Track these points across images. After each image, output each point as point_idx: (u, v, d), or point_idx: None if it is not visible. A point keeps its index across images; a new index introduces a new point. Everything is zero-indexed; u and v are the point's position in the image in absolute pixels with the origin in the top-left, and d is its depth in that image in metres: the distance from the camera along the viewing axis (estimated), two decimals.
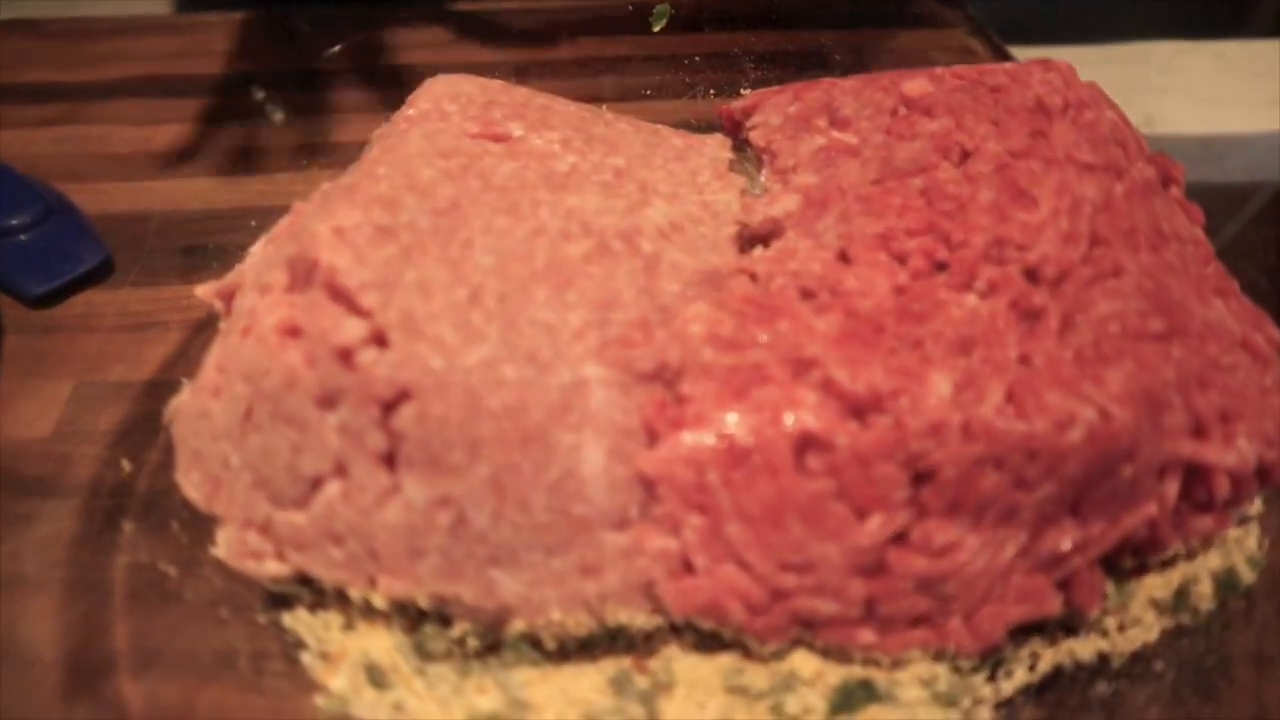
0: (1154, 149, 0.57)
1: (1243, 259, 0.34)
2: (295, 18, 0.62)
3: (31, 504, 0.33)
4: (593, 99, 0.55)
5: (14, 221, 0.47)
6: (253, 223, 0.43)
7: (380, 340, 0.26)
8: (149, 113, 0.56)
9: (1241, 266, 0.34)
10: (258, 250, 0.32)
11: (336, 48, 0.56)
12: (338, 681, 0.27)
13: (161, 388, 0.38)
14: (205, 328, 0.41)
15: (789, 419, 0.26)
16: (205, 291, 0.34)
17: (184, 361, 0.40)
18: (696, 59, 0.56)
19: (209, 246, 0.46)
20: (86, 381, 0.40)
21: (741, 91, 0.42)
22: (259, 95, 0.57)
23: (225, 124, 0.55)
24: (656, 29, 0.50)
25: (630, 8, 0.55)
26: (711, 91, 0.53)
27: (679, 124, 0.44)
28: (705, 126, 0.41)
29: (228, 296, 0.32)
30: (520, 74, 0.57)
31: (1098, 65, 0.64)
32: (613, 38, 0.59)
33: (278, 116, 0.55)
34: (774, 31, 0.59)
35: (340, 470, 0.26)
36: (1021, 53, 0.59)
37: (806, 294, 0.30)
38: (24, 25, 0.63)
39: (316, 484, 0.27)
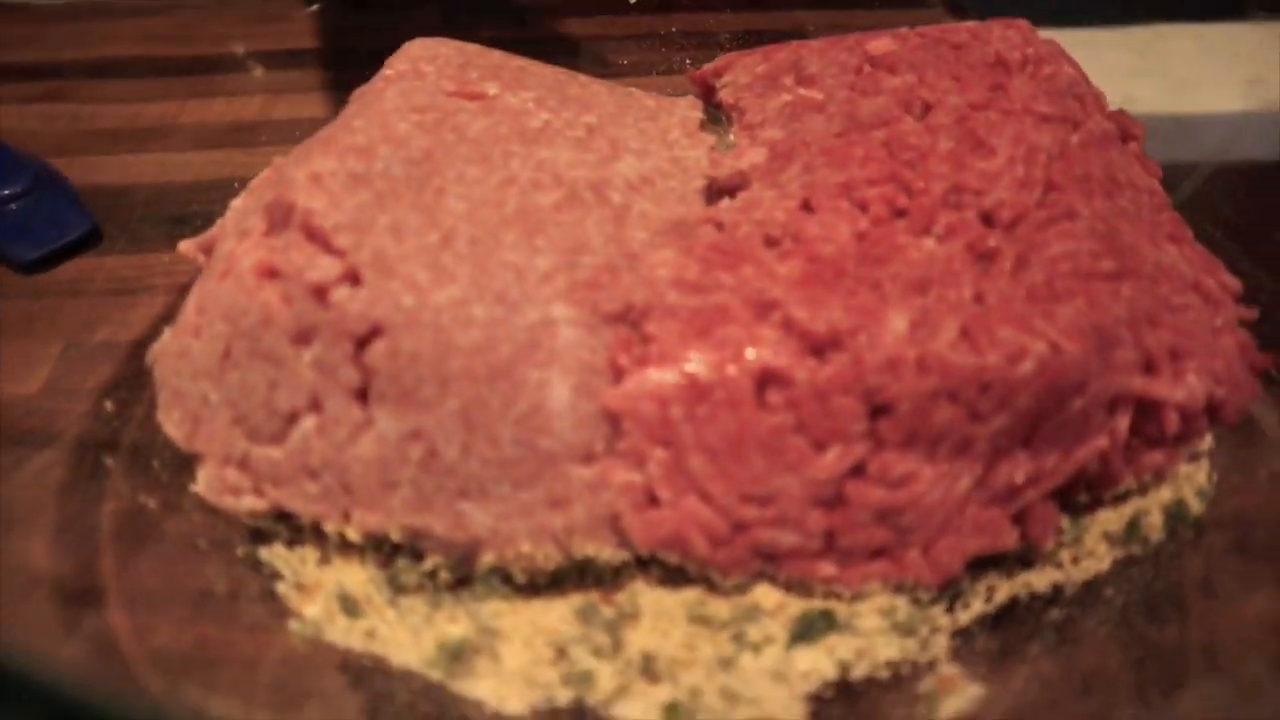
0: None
1: (1200, 215, 0.35)
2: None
3: (21, 453, 0.34)
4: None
5: (5, 191, 0.48)
6: (236, 185, 0.44)
7: (354, 279, 0.27)
8: (135, 90, 0.57)
9: (1198, 221, 0.35)
10: (237, 204, 0.33)
11: (323, 25, 0.57)
12: (312, 609, 0.28)
13: (147, 346, 0.39)
14: (189, 290, 0.42)
15: (750, 356, 0.27)
16: (187, 246, 0.35)
17: (170, 322, 0.41)
18: (674, 34, 0.57)
19: (195, 215, 0.47)
20: (75, 343, 0.41)
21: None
22: (239, 51, 0.58)
23: (209, 99, 0.56)
24: (633, 0, 0.51)
25: None
26: (688, 62, 0.54)
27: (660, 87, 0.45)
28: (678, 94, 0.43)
29: (209, 249, 0.33)
30: (504, 49, 0.58)
31: (1076, 47, 0.65)
32: (594, 16, 0.60)
33: (257, 71, 0.56)
34: (752, 11, 0.60)
35: (315, 405, 0.27)
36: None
37: (770, 241, 0.31)
38: (15, 9, 0.64)
39: (292, 419, 0.28)
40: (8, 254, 0.47)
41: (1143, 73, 0.72)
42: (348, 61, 0.58)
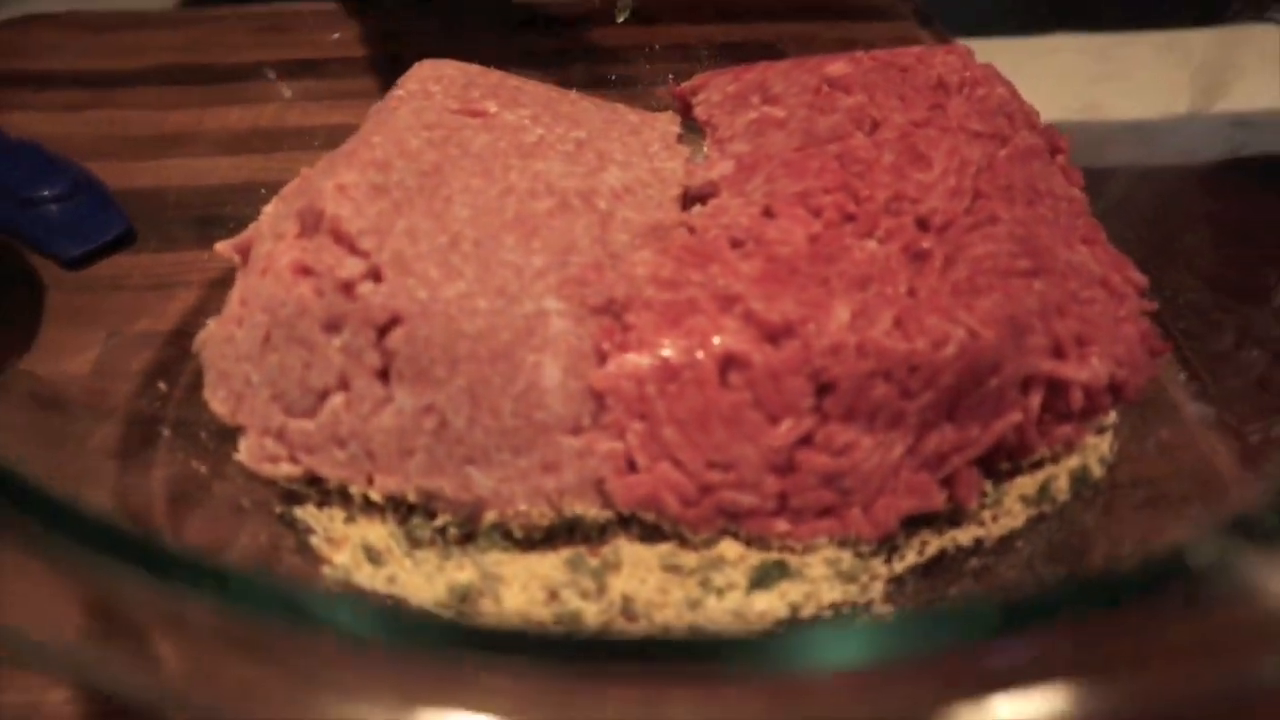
0: (1091, 135, 0.63)
1: (1119, 219, 0.40)
2: (299, 11, 0.68)
3: (82, 425, 0.39)
4: (567, 84, 0.61)
5: (46, 193, 0.52)
6: (262, 191, 0.49)
7: (376, 276, 0.32)
8: (161, 98, 0.62)
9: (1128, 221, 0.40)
10: (270, 209, 0.38)
11: (335, 35, 0.61)
12: (341, 559, 0.33)
13: (184, 336, 0.44)
14: (221, 284, 0.46)
15: (715, 342, 0.32)
16: (223, 247, 0.40)
17: (203, 314, 0.45)
18: (657, 49, 0.61)
19: (222, 216, 0.51)
20: (117, 331, 0.46)
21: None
22: (270, 75, 0.62)
23: (229, 107, 0.61)
24: (620, 20, 0.56)
25: (598, 2, 0.60)
26: (671, 76, 0.58)
27: (642, 99, 0.50)
28: (663, 109, 0.48)
29: (244, 250, 0.38)
30: (502, 61, 0.63)
31: (1042, 56, 0.69)
32: (583, 30, 0.64)
33: (286, 93, 0.61)
34: (730, 24, 0.65)
35: (343, 384, 0.32)
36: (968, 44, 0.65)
37: (735, 243, 0.35)
38: (51, 19, 0.69)
39: (323, 396, 0.32)
40: (53, 250, 0.52)
41: (1105, 78, 0.77)
42: (355, 70, 0.63)
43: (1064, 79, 0.66)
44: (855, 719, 0.19)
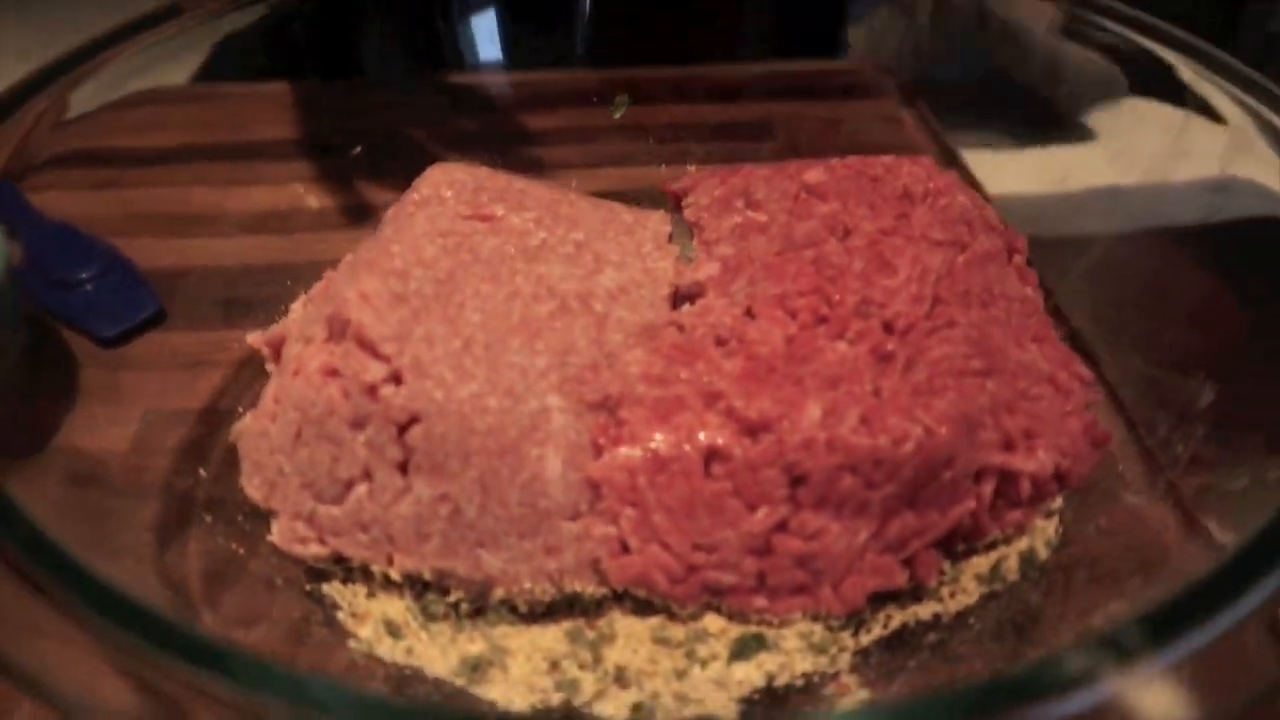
0: (1065, 205, 0.67)
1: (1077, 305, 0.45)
2: (311, 90, 0.73)
3: (123, 501, 0.43)
4: (564, 164, 0.65)
5: (83, 274, 0.57)
6: (288, 283, 0.53)
7: (397, 379, 0.36)
8: (183, 176, 0.66)
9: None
10: (297, 309, 0.43)
11: (357, 149, 0.66)
12: (365, 632, 0.37)
13: (214, 414, 0.48)
14: (247, 365, 0.51)
15: (700, 437, 0.37)
16: (255, 339, 0.44)
17: (230, 394, 0.50)
18: (653, 131, 0.66)
19: (246, 298, 0.56)
20: (153, 409, 0.50)
21: (688, 168, 0.52)
22: (274, 139, 0.67)
23: (250, 187, 0.65)
24: (617, 116, 0.60)
25: (595, 99, 0.65)
26: (662, 166, 0.63)
27: (636, 189, 0.55)
28: (655, 192, 0.52)
29: (274, 344, 0.43)
30: (504, 141, 0.68)
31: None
32: (583, 109, 0.69)
33: (291, 159, 0.65)
34: (723, 104, 0.69)
35: (367, 475, 0.36)
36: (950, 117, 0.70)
37: (720, 341, 0.40)
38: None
39: (349, 485, 0.37)
40: (89, 329, 0.56)
41: (1081, 143, 0.81)
42: (375, 152, 0.67)
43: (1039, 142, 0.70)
44: None
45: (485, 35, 0.70)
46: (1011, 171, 0.70)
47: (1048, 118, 0.67)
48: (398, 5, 0.70)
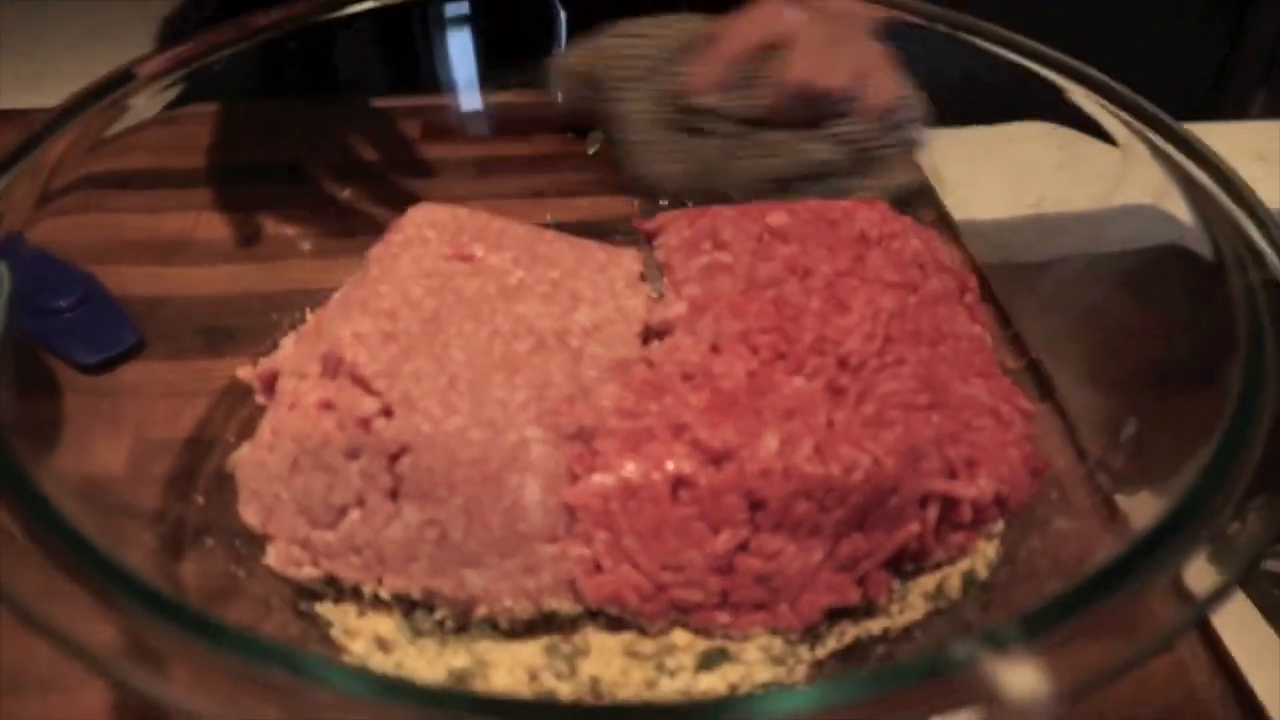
0: (1040, 227, 0.74)
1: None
2: (282, 112, 0.79)
3: (122, 524, 0.50)
4: (539, 193, 0.73)
5: (62, 303, 0.63)
6: (273, 315, 0.60)
7: (388, 413, 0.44)
8: (155, 201, 0.72)
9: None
10: (289, 345, 0.50)
11: (346, 192, 0.73)
12: (357, 648, 0.44)
13: (199, 443, 0.56)
14: (228, 394, 0.58)
15: (667, 465, 0.44)
16: (245, 373, 0.52)
17: (214, 422, 0.57)
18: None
19: (226, 328, 0.63)
20: (140, 437, 0.57)
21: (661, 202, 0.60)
22: (245, 163, 0.74)
23: (221, 213, 0.72)
24: (591, 152, 0.68)
25: (570, 133, 0.73)
26: (636, 200, 0.70)
27: (609, 218, 0.63)
28: (626, 226, 0.60)
29: (265, 378, 0.50)
30: (481, 167, 0.75)
31: (1003, 144, 0.81)
32: (558, 136, 0.77)
33: (262, 185, 0.72)
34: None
35: (360, 501, 0.44)
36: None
37: (686, 376, 0.47)
38: (23, 115, 0.80)
39: (343, 511, 0.44)
40: (70, 357, 0.62)
41: (1059, 167, 0.88)
42: (337, 177, 0.74)
43: (1018, 168, 0.78)
44: None
45: (460, 60, 0.77)
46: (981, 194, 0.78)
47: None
48: (373, 27, 0.77)
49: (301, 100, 0.79)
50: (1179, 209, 0.51)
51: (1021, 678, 0.27)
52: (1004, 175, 0.76)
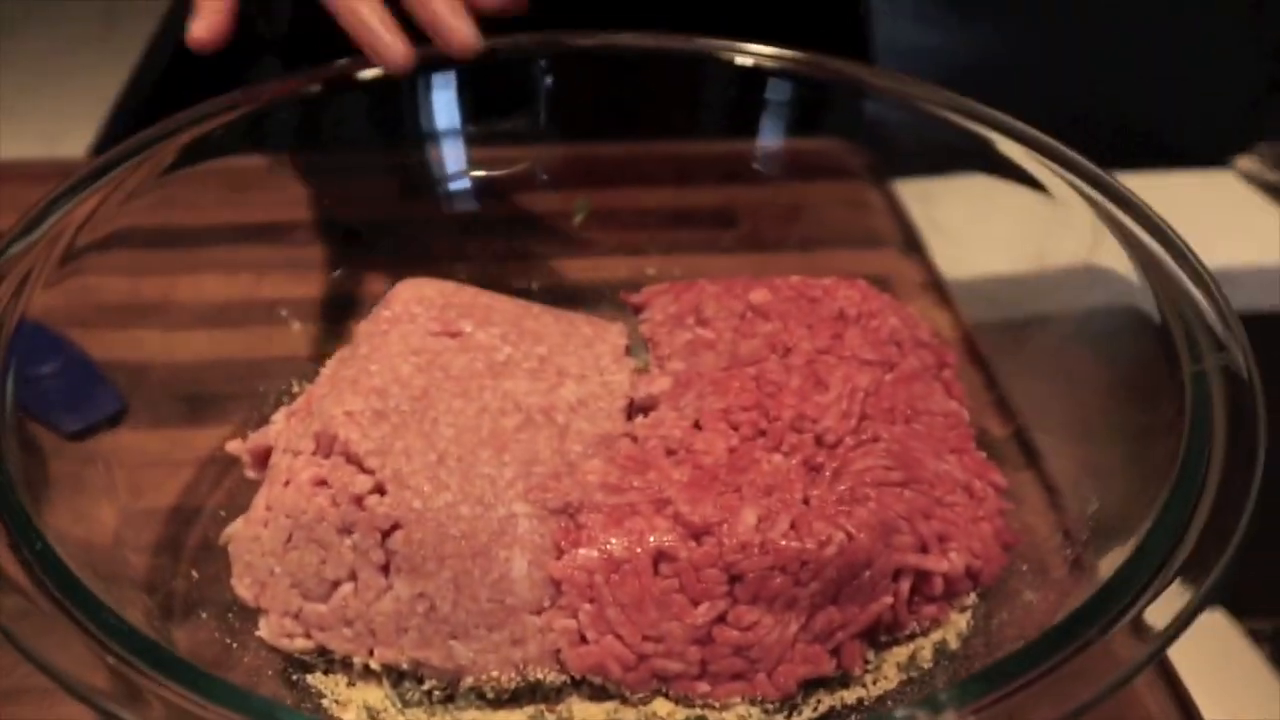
0: (1039, 283, 0.81)
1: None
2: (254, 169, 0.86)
3: (116, 590, 0.56)
4: (525, 254, 0.80)
5: (44, 370, 0.69)
6: (260, 388, 0.67)
7: (380, 490, 0.51)
8: (135, 263, 0.79)
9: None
10: (280, 420, 0.57)
11: (337, 271, 0.80)
12: (348, 716, 0.51)
13: (183, 513, 0.62)
14: (211, 463, 0.65)
15: (650, 540, 0.51)
16: (235, 448, 0.58)
17: (198, 492, 0.63)
18: (615, 218, 0.81)
19: (207, 394, 0.69)
20: (126, 507, 0.63)
21: (648, 270, 0.67)
22: (223, 224, 0.80)
23: (205, 275, 0.79)
24: (577, 220, 0.76)
25: (555, 187, 0.80)
26: (621, 257, 0.77)
27: (596, 282, 0.70)
28: (612, 293, 0.67)
29: (255, 453, 0.57)
30: (464, 228, 0.82)
31: (997, 196, 0.87)
32: (543, 193, 0.84)
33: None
34: (682, 188, 0.84)
35: (352, 575, 0.51)
36: (928, 184, 0.84)
37: (670, 452, 0.54)
38: (16, 167, 0.87)
39: (335, 585, 0.51)
40: (52, 423, 0.68)
41: (1058, 222, 0.94)
42: (314, 238, 0.80)
43: (1015, 220, 0.84)
44: None
45: (444, 112, 0.84)
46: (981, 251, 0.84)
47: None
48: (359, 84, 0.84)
49: (279, 160, 0.86)
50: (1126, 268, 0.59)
51: None
52: (1001, 227, 0.82)
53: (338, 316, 0.75)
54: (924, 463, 0.54)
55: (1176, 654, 0.57)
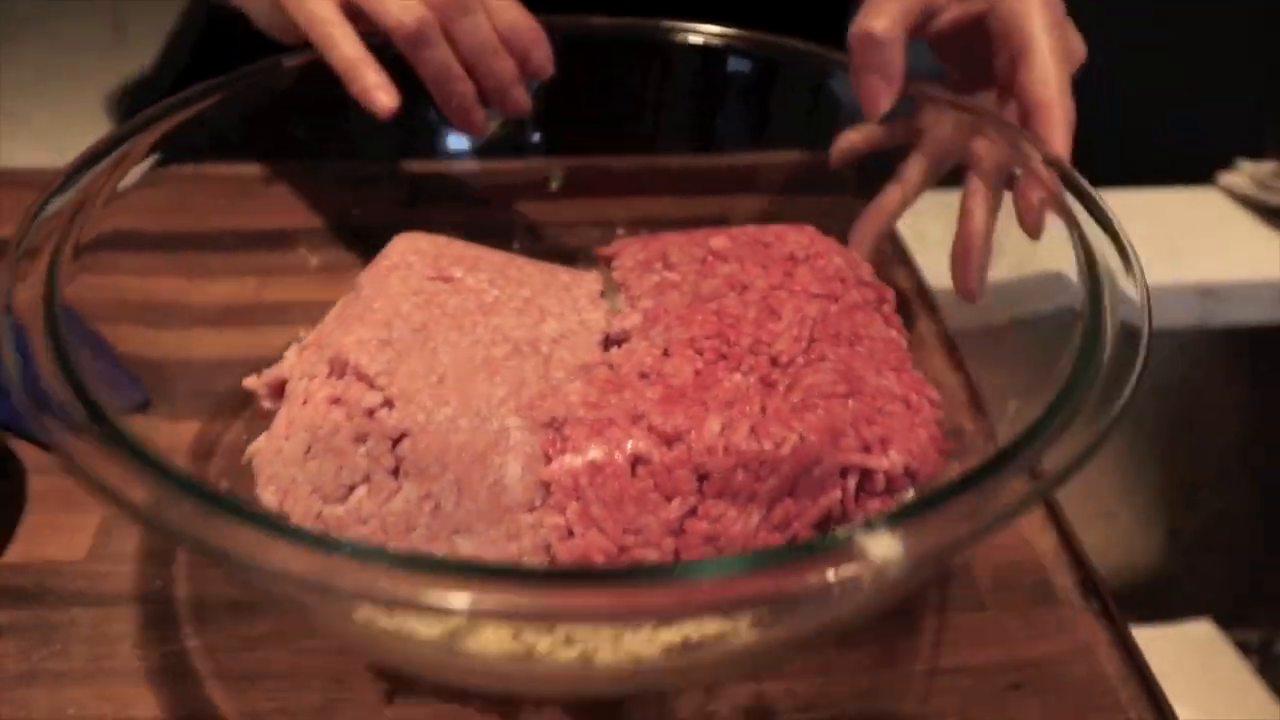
0: (1018, 290, 0.87)
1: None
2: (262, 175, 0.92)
3: (73, 613, 0.63)
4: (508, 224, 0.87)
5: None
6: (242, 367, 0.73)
7: (389, 404, 0.58)
8: (146, 264, 0.80)
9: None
10: (291, 355, 0.64)
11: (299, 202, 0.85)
12: (362, 612, 0.58)
13: (205, 443, 0.69)
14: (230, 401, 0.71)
15: (627, 446, 0.59)
16: (252, 383, 0.66)
17: (216, 426, 0.70)
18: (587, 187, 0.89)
19: (217, 391, 0.74)
20: (110, 515, 0.69)
21: (618, 231, 0.76)
22: (229, 229, 0.87)
23: (211, 278, 0.83)
24: (554, 186, 0.84)
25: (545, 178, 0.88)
26: (596, 231, 0.86)
27: (572, 247, 0.77)
28: (587, 250, 0.75)
29: (271, 385, 0.64)
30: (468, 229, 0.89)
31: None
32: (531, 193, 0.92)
33: (244, 251, 0.84)
34: (669, 198, 0.92)
35: (366, 479, 0.58)
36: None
37: (643, 375, 0.62)
38: (28, 175, 0.92)
39: (351, 488, 0.58)
40: (37, 436, 0.71)
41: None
42: (322, 244, 0.86)
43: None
44: None
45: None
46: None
47: None
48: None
49: (283, 164, 0.92)
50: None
51: (881, 545, 0.42)
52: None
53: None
54: (866, 378, 0.63)
55: (1164, 664, 0.67)
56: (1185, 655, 1.04)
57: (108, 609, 0.65)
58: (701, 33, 0.84)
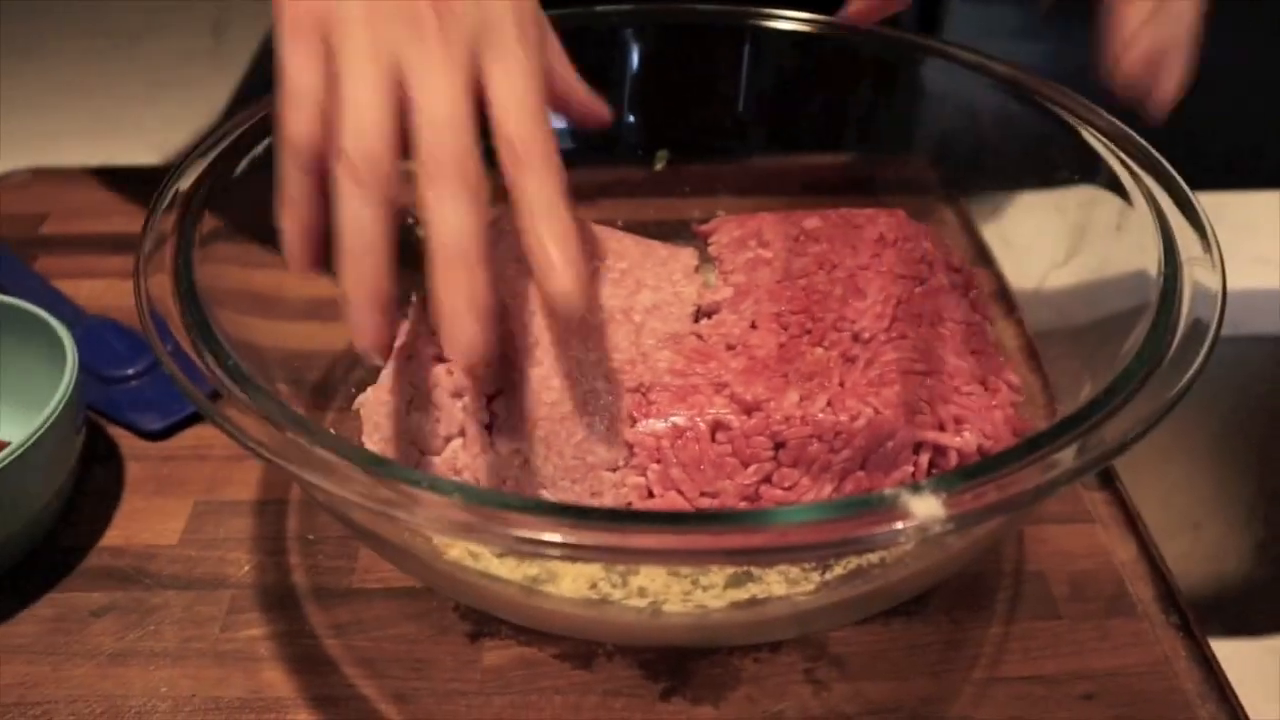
0: (1100, 290, 0.88)
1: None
2: None
3: (167, 595, 0.69)
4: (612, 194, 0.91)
5: (129, 371, 0.79)
6: (361, 369, 0.78)
7: (487, 363, 0.63)
8: (244, 256, 0.83)
9: None
10: (406, 324, 0.69)
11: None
12: (453, 554, 0.63)
13: (268, 505, 0.74)
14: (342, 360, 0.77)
15: (709, 413, 0.62)
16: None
17: (277, 484, 0.75)
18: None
19: (309, 381, 0.77)
20: (203, 500, 0.74)
21: (718, 212, 0.79)
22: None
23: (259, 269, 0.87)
24: (659, 167, 0.88)
25: (640, 151, 0.92)
26: (696, 211, 0.89)
27: (672, 221, 0.81)
28: (686, 226, 0.79)
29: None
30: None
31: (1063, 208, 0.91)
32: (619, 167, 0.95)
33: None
34: (756, 198, 0.94)
35: (462, 432, 0.63)
36: (997, 199, 0.91)
37: (729, 346, 0.66)
38: (101, 175, 0.98)
39: (448, 440, 0.63)
40: (135, 424, 0.76)
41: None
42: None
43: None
44: None
45: None
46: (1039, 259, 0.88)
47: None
48: None
49: None
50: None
51: (926, 506, 0.45)
52: (1065, 239, 0.83)
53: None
54: (945, 359, 0.65)
55: (1248, 678, 0.68)
56: (1271, 670, 1.03)
57: (199, 592, 0.71)
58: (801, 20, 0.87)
